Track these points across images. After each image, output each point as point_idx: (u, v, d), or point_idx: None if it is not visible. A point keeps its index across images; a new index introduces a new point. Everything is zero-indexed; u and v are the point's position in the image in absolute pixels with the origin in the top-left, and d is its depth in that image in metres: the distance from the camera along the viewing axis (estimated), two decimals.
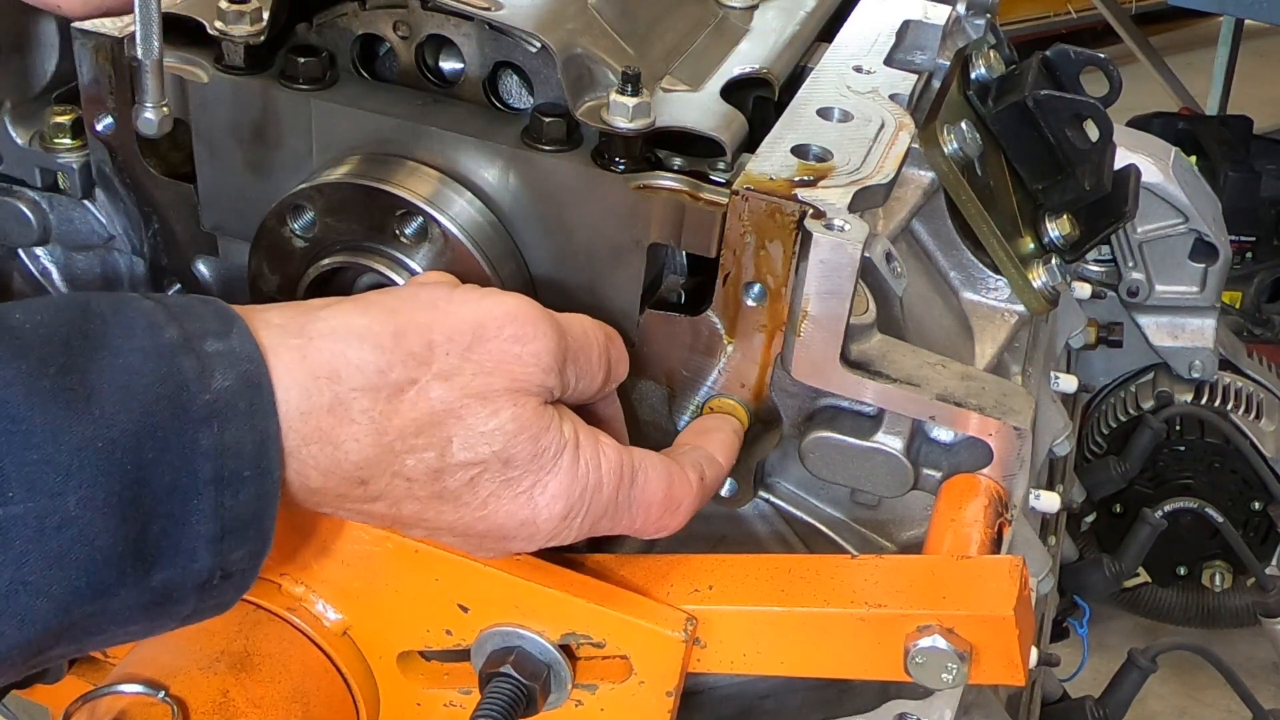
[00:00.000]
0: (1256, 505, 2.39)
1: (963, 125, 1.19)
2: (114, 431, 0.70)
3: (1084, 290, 1.62)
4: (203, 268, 1.15)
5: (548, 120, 0.98)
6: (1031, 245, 1.26)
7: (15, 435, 0.68)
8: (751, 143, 1.02)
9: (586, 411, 0.92)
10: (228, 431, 0.74)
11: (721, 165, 0.99)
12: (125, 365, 0.72)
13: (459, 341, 0.82)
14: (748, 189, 0.95)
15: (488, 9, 0.97)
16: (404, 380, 0.80)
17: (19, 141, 1.14)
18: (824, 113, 1.06)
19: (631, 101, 0.96)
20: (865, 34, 1.20)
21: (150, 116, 0.95)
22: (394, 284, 0.99)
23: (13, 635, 0.69)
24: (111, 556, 0.71)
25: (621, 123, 0.96)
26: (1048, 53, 1.30)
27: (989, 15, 1.29)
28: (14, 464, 0.68)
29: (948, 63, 1.24)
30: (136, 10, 0.90)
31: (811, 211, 0.94)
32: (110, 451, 0.70)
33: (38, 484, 0.68)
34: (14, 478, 0.68)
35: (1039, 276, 1.25)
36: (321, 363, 0.78)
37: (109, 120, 1.09)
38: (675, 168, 0.99)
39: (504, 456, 0.82)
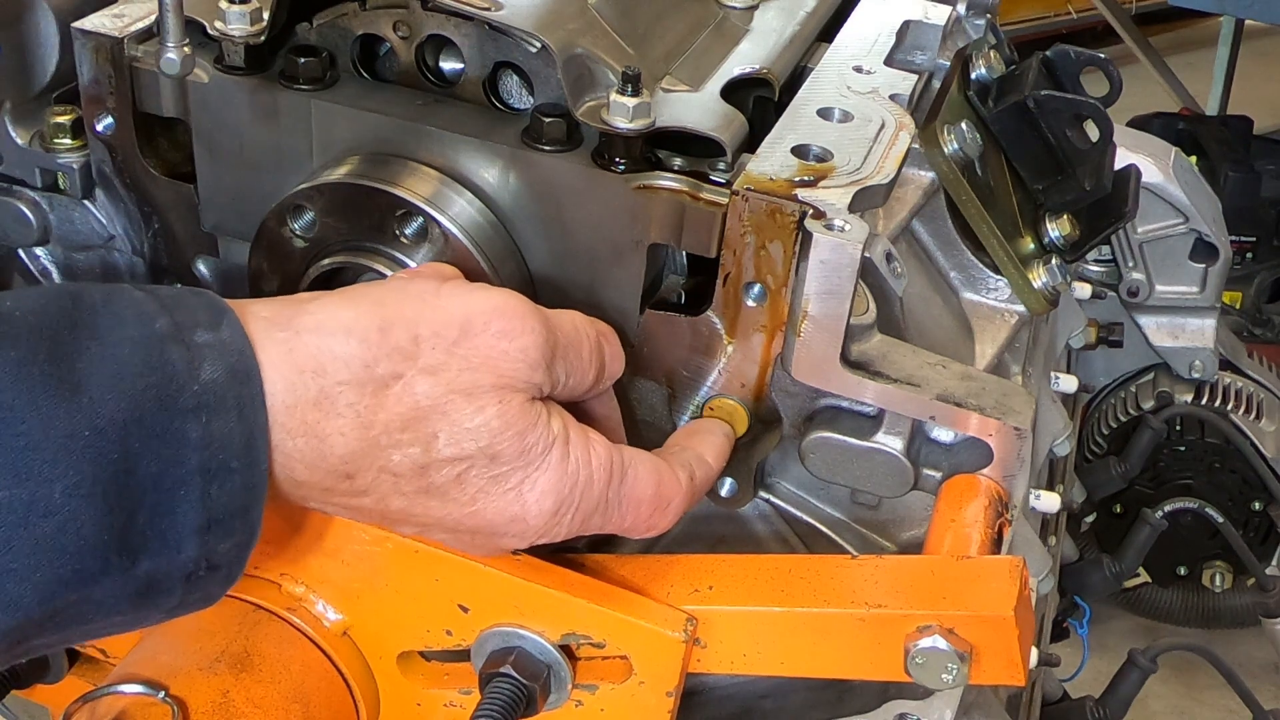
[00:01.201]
0: (1257, 505, 2.40)
1: (963, 125, 1.19)
2: (101, 420, 0.70)
3: (1084, 290, 1.62)
4: (203, 267, 1.15)
5: (548, 120, 0.98)
6: (1032, 245, 1.26)
7: (3, 422, 0.68)
8: (752, 143, 1.02)
9: (581, 409, 0.92)
10: (216, 423, 0.74)
11: (722, 165, 0.99)
12: (114, 355, 0.72)
13: (446, 336, 0.82)
14: (748, 189, 0.95)
15: (488, 9, 0.97)
16: (389, 375, 0.80)
17: (19, 141, 1.14)
18: (824, 113, 1.06)
19: (631, 102, 0.96)
20: (865, 34, 1.19)
21: (173, 56, 0.96)
22: None
23: None
24: (97, 545, 0.71)
25: (622, 123, 0.96)
26: (1048, 53, 1.30)
27: (989, 15, 1.29)
28: (0, 451, 0.68)
29: (948, 63, 1.24)
30: None
31: (812, 211, 0.94)
32: (97, 440, 0.70)
33: (24, 471, 0.68)
34: (0, 464, 0.68)
35: (1039, 277, 1.25)
36: (308, 356, 0.78)
37: (109, 120, 1.09)
38: (675, 168, 0.99)
39: (490, 452, 0.82)
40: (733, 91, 1.06)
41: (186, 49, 0.97)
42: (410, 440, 0.81)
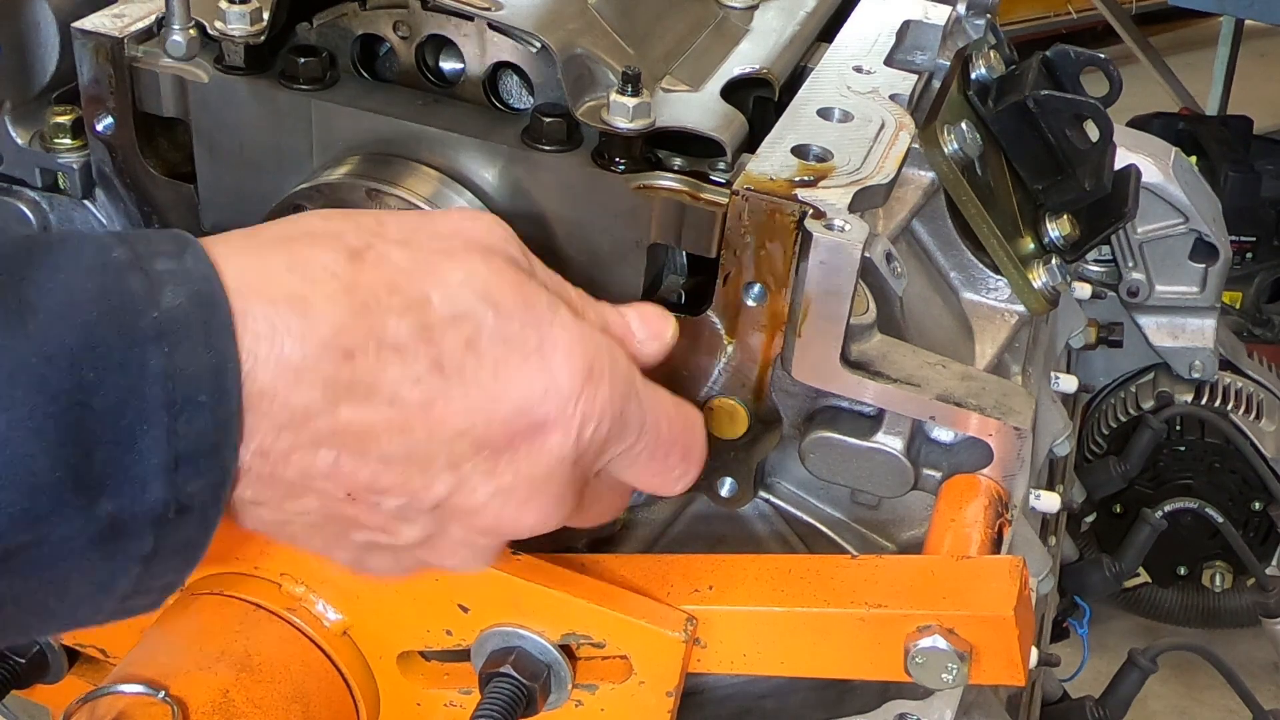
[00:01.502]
0: (1257, 505, 2.39)
1: (963, 125, 1.19)
2: (50, 348, 0.66)
3: (1084, 290, 1.62)
4: None
5: (548, 120, 0.98)
6: (1031, 245, 1.26)
7: None
8: (752, 143, 1.02)
9: None
10: (179, 353, 0.69)
11: (722, 165, 0.99)
12: (67, 283, 0.68)
13: (409, 221, 0.80)
14: (748, 189, 0.95)
15: (488, 9, 0.98)
16: (361, 245, 0.76)
17: (19, 141, 1.14)
18: (824, 113, 1.05)
19: (632, 102, 0.96)
20: (865, 34, 1.19)
21: (179, 39, 0.98)
22: None
23: None
24: (49, 481, 0.66)
25: (622, 123, 0.96)
26: (1048, 53, 1.30)
27: (989, 15, 1.29)
28: None
29: (948, 63, 1.24)
30: None
31: (812, 212, 0.94)
32: (46, 368, 0.66)
33: None
34: None
35: (1039, 277, 1.25)
36: (271, 238, 0.76)
37: (109, 120, 1.09)
38: (675, 168, 0.99)
39: (491, 302, 0.77)
40: (733, 91, 1.06)
41: (192, 31, 0.96)
42: (402, 305, 0.75)
